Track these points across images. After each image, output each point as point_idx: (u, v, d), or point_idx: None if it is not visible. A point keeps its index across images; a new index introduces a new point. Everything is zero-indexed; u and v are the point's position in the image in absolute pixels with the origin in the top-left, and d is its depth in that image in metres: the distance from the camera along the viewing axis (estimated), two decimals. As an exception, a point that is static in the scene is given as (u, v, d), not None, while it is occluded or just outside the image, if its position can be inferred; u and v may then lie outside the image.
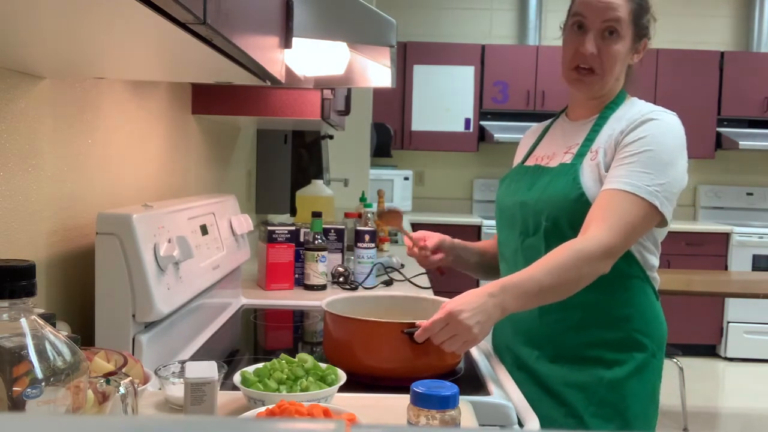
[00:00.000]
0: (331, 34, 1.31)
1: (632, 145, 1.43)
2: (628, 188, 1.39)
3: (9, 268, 0.65)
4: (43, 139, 1.20)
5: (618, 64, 1.51)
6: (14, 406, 0.63)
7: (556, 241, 1.45)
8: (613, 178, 1.42)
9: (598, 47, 1.48)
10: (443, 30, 5.97)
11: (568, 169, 1.50)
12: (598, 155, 1.48)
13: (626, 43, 1.50)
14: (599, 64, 1.49)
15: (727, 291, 3.69)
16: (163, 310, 1.28)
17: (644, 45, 1.54)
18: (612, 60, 1.50)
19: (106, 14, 0.68)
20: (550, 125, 1.71)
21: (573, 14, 1.52)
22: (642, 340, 1.50)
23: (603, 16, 1.48)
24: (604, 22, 1.48)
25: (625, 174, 1.40)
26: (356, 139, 4.52)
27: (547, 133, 1.69)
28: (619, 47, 1.49)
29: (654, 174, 1.40)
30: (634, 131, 1.44)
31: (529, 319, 1.54)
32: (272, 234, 2.13)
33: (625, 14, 1.48)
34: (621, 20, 1.48)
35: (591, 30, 1.49)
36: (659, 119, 1.46)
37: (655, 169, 1.40)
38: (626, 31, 1.49)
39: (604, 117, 1.53)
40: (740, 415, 4.33)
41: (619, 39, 1.49)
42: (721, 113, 5.60)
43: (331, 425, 0.37)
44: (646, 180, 1.39)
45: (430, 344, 1.33)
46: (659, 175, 1.40)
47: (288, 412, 0.95)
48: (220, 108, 2.05)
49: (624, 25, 1.49)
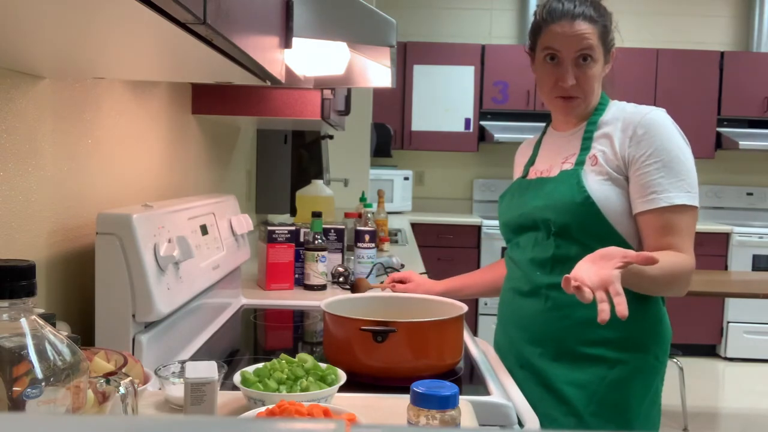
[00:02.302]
0: (331, 34, 1.31)
1: (651, 156, 1.47)
2: (676, 201, 1.45)
3: (9, 268, 0.65)
4: (43, 139, 1.20)
5: (597, 84, 1.57)
6: (14, 406, 0.63)
7: (567, 246, 1.50)
8: (656, 195, 1.46)
9: (576, 76, 1.53)
10: (443, 30, 5.97)
11: (570, 174, 1.52)
12: (598, 160, 1.51)
13: (600, 63, 1.55)
14: (580, 90, 1.54)
15: (727, 291, 3.69)
16: (163, 310, 1.28)
17: (613, 55, 1.59)
18: (591, 84, 1.55)
19: (106, 14, 0.68)
20: (541, 138, 1.73)
21: (544, 48, 1.55)
22: (645, 342, 1.51)
23: (576, 47, 1.52)
24: (578, 52, 1.52)
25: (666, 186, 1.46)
26: (356, 139, 4.52)
27: (541, 147, 1.72)
28: (595, 71, 1.54)
29: (682, 175, 1.47)
30: (643, 141, 1.48)
31: (534, 315, 1.55)
32: (272, 234, 2.13)
33: (595, 39, 1.52)
34: (593, 47, 1.52)
35: (565, 60, 1.52)
36: (657, 120, 1.49)
37: (679, 170, 1.47)
38: (598, 54, 1.54)
39: (593, 123, 1.57)
40: (740, 415, 4.33)
41: (594, 63, 1.53)
42: (721, 113, 5.60)
43: (331, 425, 0.37)
44: (684, 186, 1.46)
45: (430, 344, 1.33)
46: (684, 173, 1.47)
47: (288, 412, 0.95)
48: (220, 108, 2.05)
49: (596, 49, 1.53)
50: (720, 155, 5.82)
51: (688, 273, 1.46)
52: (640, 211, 1.48)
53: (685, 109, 5.38)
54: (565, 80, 1.52)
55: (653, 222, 1.47)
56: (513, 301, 1.62)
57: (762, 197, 5.95)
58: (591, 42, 1.51)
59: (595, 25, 1.52)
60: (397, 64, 2.07)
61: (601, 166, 1.50)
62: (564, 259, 1.51)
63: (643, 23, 5.87)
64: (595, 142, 1.54)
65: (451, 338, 1.37)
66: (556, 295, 1.51)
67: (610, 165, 1.50)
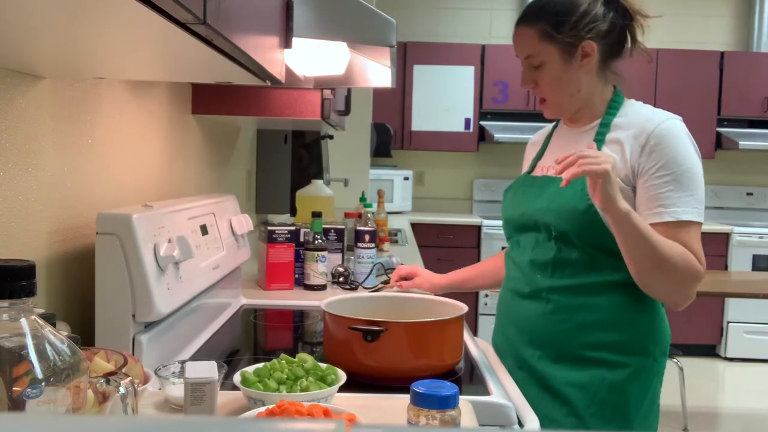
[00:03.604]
0: (331, 34, 1.31)
1: (662, 168, 1.43)
2: (683, 217, 1.42)
3: (9, 268, 0.65)
4: (43, 139, 1.20)
5: (562, 85, 1.52)
6: (14, 406, 0.63)
7: (568, 250, 1.48)
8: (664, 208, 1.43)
9: (534, 80, 1.54)
10: (443, 30, 5.97)
11: (577, 179, 1.47)
12: None
13: (556, 64, 1.50)
14: (542, 93, 1.55)
15: (727, 291, 3.69)
16: (163, 310, 1.28)
17: (587, 46, 1.49)
18: (551, 86, 1.52)
19: (106, 14, 0.68)
20: (552, 133, 1.71)
21: None
22: (645, 344, 1.50)
23: (522, 54, 1.54)
24: (526, 59, 1.54)
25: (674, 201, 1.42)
26: (356, 139, 4.52)
27: (551, 142, 1.69)
28: (549, 73, 1.51)
29: (691, 190, 1.43)
30: (655, 152, 1.44)
31: (534, 318, 1.54)
32: (272, 234, 2.13)
33: (535, 41, 1.50)
34: (535, 52, 1.51)
35: (522, 65, 1.56)
36: (672, 130, 1.45)
37: (688, 185, 1.43)
38: (549, 55, 1.50)
39: (606, 124, 1.53)
40: (740, 415, 4.33)
41: (546, 66, 1.51)
42: (721, 113, 5.60)
43: (331, 425, 0.37)
44: (692, 202, 1.43)
45: (430, 344, 1.33)
46: (693, 188, 1.43)
47: (288, 412, 0.95)
48: (220, 108, 2.05)
49: (541, 52, 1.50)
50: (720, 155, 5.82)
51: (690, 270, 1.41)
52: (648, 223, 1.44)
53: (685, 109, 5.35)
54: (521, 83, 1.57)
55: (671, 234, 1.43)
56: (512, 302, 1.62)
57: (762, 197, 5.95)
58: (529, 45, 1.51)
59: (532, 26, 1.50)
60: (397, 64, 2.07)
61: None
62: (565, 262, 1.49)
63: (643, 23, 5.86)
64: (606, 146, 1.49)
65: (451, 338, 1.37)
66: (557, 299, 1.51)
67: (618, 174, 1.45)
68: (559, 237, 1.49)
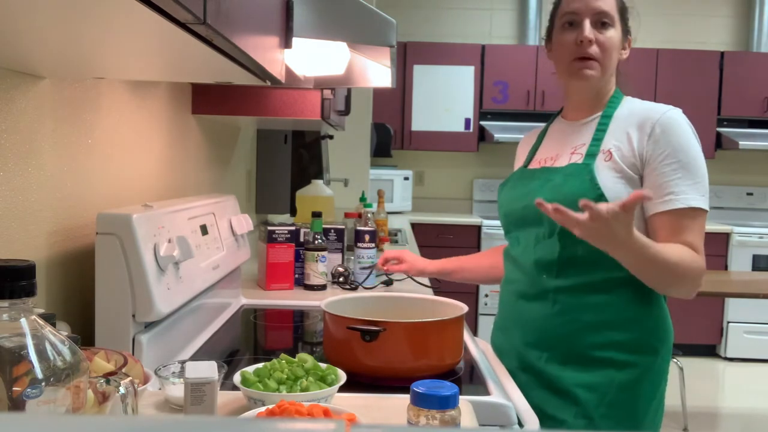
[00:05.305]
0: (331, 34, 1.31)
1: (669, 156, 1.45)
2: (693, 204, 1.44)
3: (9, 268, 0.65)
4: (43, 139, 1.20)
5: (614, 53, 1.55)
6: (14, 406, 0.63)
7: (571, 245, 1.47)
8: (674, 195, 1.44)
9: (595, 36, 1.53)
10: (443, 30, 5.97)
11: (582, 169, 1.48)
12: (613, 156, 1.47)
13: (618, 33, 1.55)
14: (598, 52, 1.53)
15: (727, 291, 3.68)
16: (163, 310, 1.28)
17: (629, 42, 1.60)
18: (609, 47, 1.54)
19: (106, 14, 0.68)
20: (547, 128, 1.70)
21: (562, 15, 1.56)
22: (652, 343, 1.50)
23: (594, 9, 1.53)
24: (595, 15, 1.53)
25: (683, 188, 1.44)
26: (356, 139, 4.52)
27: (546, 136, 1.68)
28: (613, 34, 1.54)
29: (698, 178, 1.45)
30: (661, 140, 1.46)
31: (541, 320, 1.52)
32: (272, 234, 2.13)
33: (612, 8, 1.54)
34: (610, 13, 1.53)
35: (584, 21, 1.53)
36: (677, 119, 1.48)
37: (696, 173, 1.45)
38: (616, 23, 1.55)
39: (607, 116, 1.54)
40: (740, 415, 4.33)
41: (612, 28, 1.54)
42: (721, 113, 5.61)
43: (331, 425, 0.37)
44: (700, 189, 1.45)
45: (430, 344, 1.33)
46: (700, 176, 1.46)
47: (288, 412, 0.95)
48: (220, 108, 2.05)
49: (613, 17, 1.54)
50: (720, 155, 5.82)
51: (697, 271, 1.44)
52: (656, 212, 1.45)
53: (685, 109, 5.30)
54: (584, 34, 1.51)
55: (668, 223, 1.44)
56: (516, 304, 1.59)
57: (762, 197, 5.95)
58: (607, 9, 1.53)
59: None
60: (397, 64, 2.07)
61: (616, 162, 1.46)
62: (570, 260, 1.48)
63: (643, 23, 5.86)
64: (610, 135, 1.50)
65: (451, 338, 1.37)
66: (564, 299, 1.50)
67: (625, 162, 1.46)
68: (563, 230, 1.46)
